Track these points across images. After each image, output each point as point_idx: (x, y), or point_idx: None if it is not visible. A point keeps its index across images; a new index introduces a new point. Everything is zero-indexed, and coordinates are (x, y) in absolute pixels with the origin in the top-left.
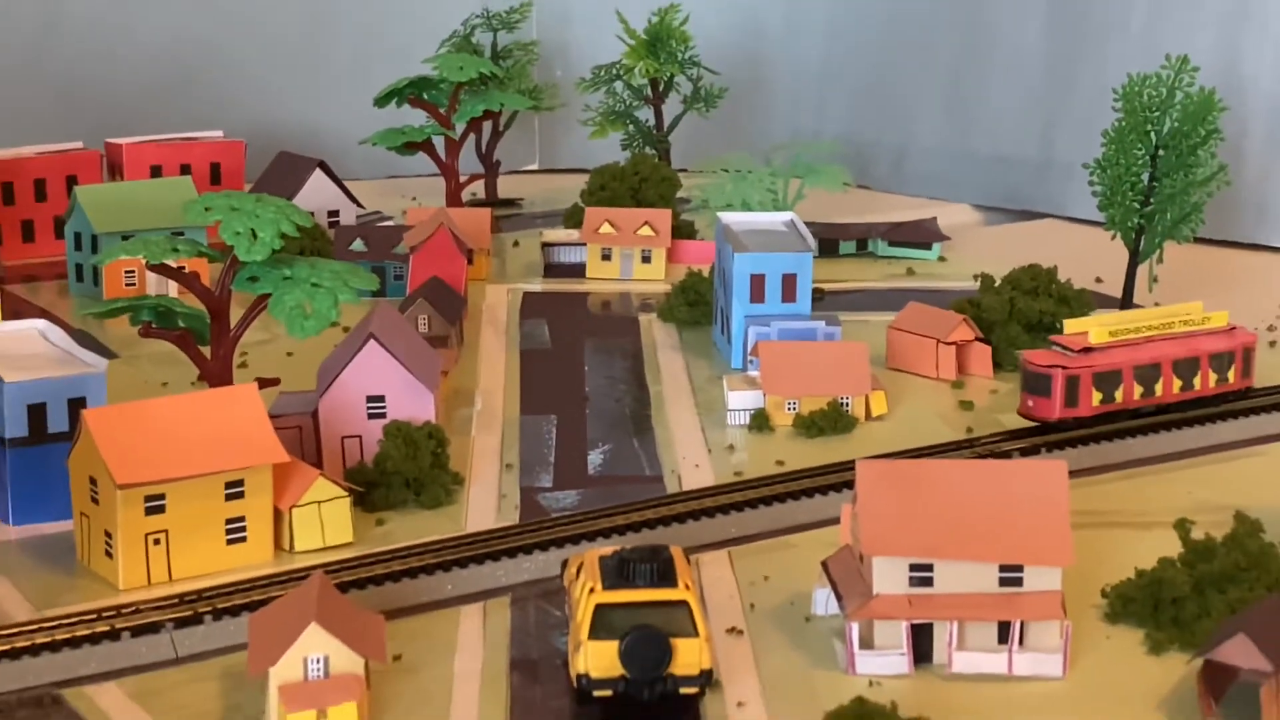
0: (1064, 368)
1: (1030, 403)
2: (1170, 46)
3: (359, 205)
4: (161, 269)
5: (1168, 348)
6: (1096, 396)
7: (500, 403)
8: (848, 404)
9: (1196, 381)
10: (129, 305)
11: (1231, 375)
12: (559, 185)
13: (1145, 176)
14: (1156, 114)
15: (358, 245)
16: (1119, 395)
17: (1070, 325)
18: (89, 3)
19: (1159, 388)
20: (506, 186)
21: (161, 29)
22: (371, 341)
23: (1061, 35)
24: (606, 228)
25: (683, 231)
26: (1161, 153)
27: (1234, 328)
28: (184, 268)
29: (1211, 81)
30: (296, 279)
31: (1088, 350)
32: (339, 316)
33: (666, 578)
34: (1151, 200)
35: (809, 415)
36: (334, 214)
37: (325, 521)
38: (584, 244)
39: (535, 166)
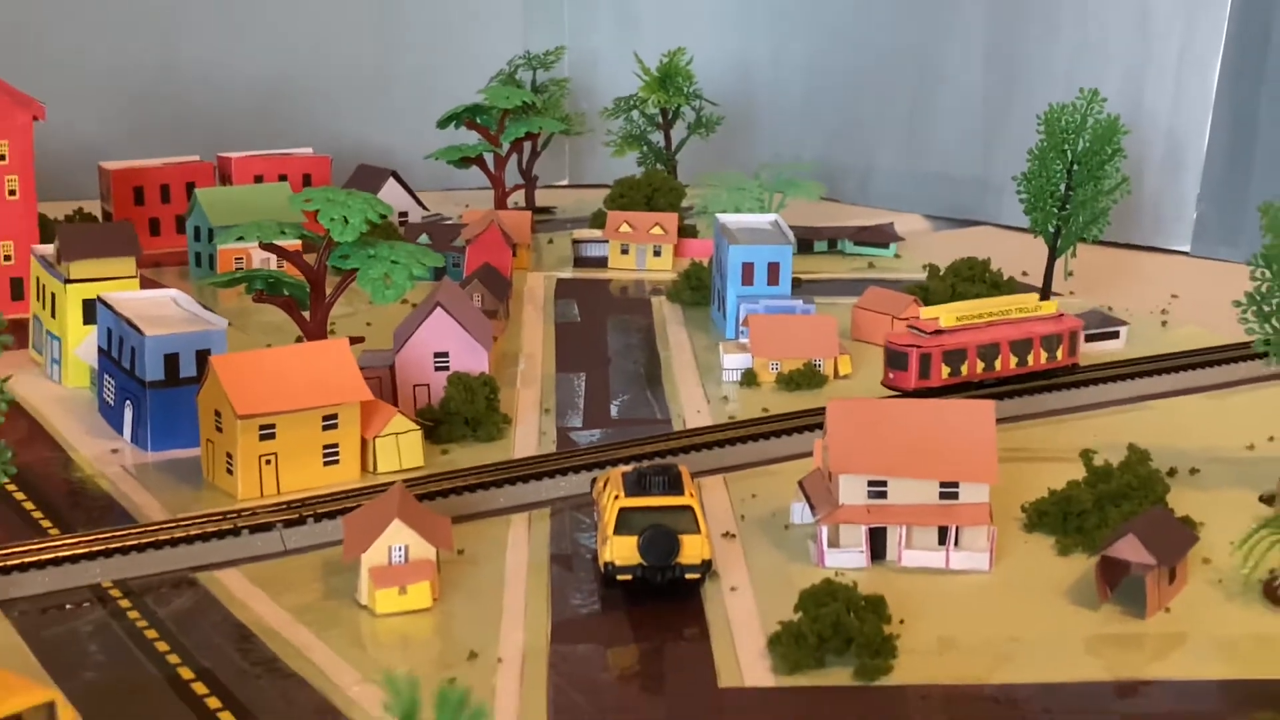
0: (918, 346)
1: (891, 375)
2: (1086, 83)
3: (424, 208)
4: (271, 247)
5: (1006, 330)
6: (945, 370)
7: (539, 363)
8: (820, 365)
9: (1030, 359)
10: (246, 276)
11: (1060, 354)
12: (584, 197)
13: (1062, 187)
14: (1072, 135)
15: (423, 239)
16: (964, 369)
17: (926, 312)
18: (200, 45)
19: (998, 363)
20: (542, 197)
21: (262, 65)
22: (438, 309)
23: (996, 76)
24: (625, 227)
25: (687, 232)
26: (1075, 167)
27: (1062, 314)
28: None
29: (1119, 112)
30: (379, 257)
31: (939, 332)
32: (413, 288)
33: (675, 487)
34: (1067, 206)
35: (788, 373)
36: (403, 215)
37: (402, 449)
38: (607, 240)
39: (566, 181)
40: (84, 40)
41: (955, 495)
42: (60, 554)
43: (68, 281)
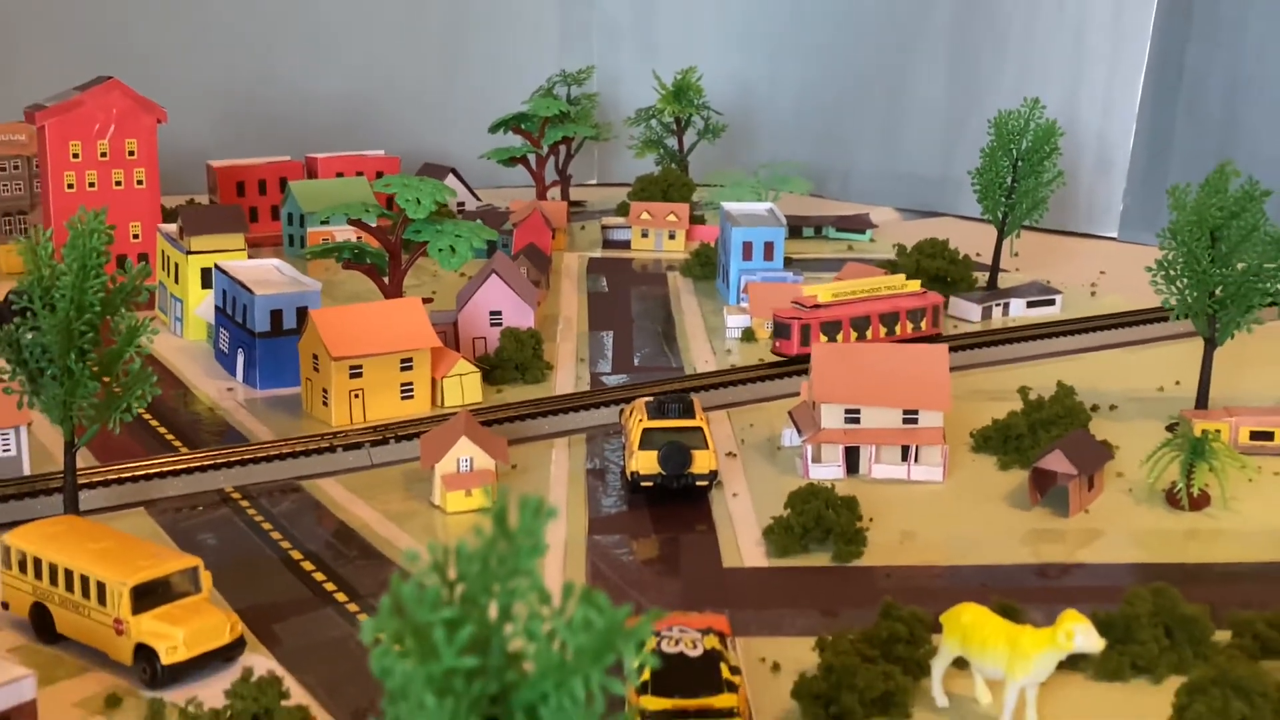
0: (799, 319)
1: (777, 343)
2: (1030, 94)
3: (477, 199)
4: (358, 223)
5: (876, 305)
6: (823, 338)
7: (575, 323)
8: None
9: (897, 329)
10: (336, 247)
11: (924, 325)
12: (609, 193)
13: (1009, 179)
14: (1017, 137)
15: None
16: (839, 338)
17: (808, 289)
18: (290, 64)
19: (869, 333)
20: (575, 192)
21: (342, 80)
22: (494, 275)
23: (955, 91)
24: (645, 215)
25: (696, 219)
26: (1020, 163)
27: (925, 291)
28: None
29: (1058, 118)
30: (446, 231)
31: (817, 306)
32: (472, 257)
33: (689, 412)
34: (1013, 195)
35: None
36: (461, 204)
37: (464, 387)
38: (630, 226)
39: (594, 180)
40: (194, 59)
41: (915, 421)
42: (191, 465)
43: (189, 253)
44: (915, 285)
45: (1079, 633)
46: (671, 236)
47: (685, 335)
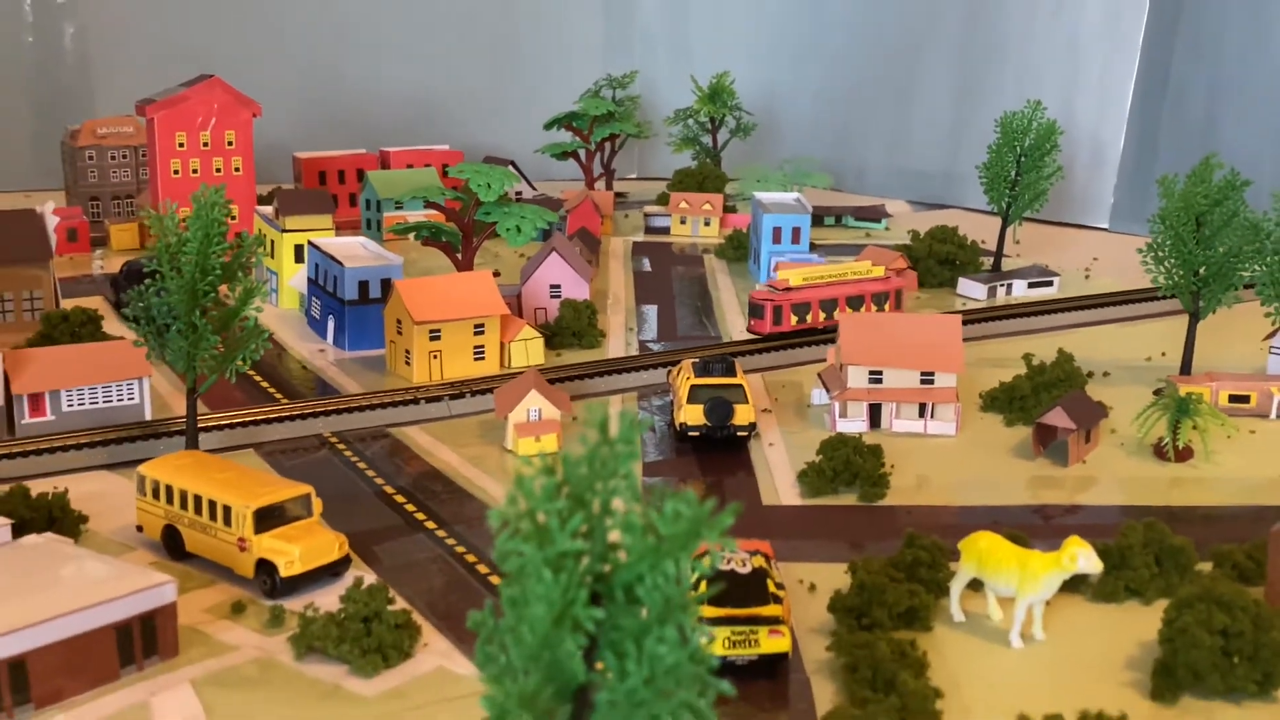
0: (771, 300)
1: (752, 323)
2: (1029, 97)
3: (533, 188)
4: (435, 205)
5: (843, 289)
6: (793, 319)
7: (623, 297)
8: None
9: (862, 310)
10: (415, 226)
11: (887, 307)
12: (648, 185)
13: (1012, 173)
14: (1020, 135)
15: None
16: (809, 318)
17: (780, 274)
18: (365, 67)
19: (837, 313)
20: (618, 185)
21: (411, 81)
22: (554, 252)
23: (961, 94)
24: (684, 204)
25: (729, 208)
26: (1023, 159)
27: (889, 277)
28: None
29: (1057, 118)
30: (513, 213)
31: (789, 289)
32: (536, 236)
33: (730, 372)
34: (1016, 188)
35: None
36: (518, 193)
37: (528, 350)
38: (669, 214)
39: (635, 174)
40: (278, 62)
41: (931, 381)
42: (293, 413)
43: (284, 231)
44: (880, 271)
45: (1082, 556)
46: (707, 223)
47: (721, 309)
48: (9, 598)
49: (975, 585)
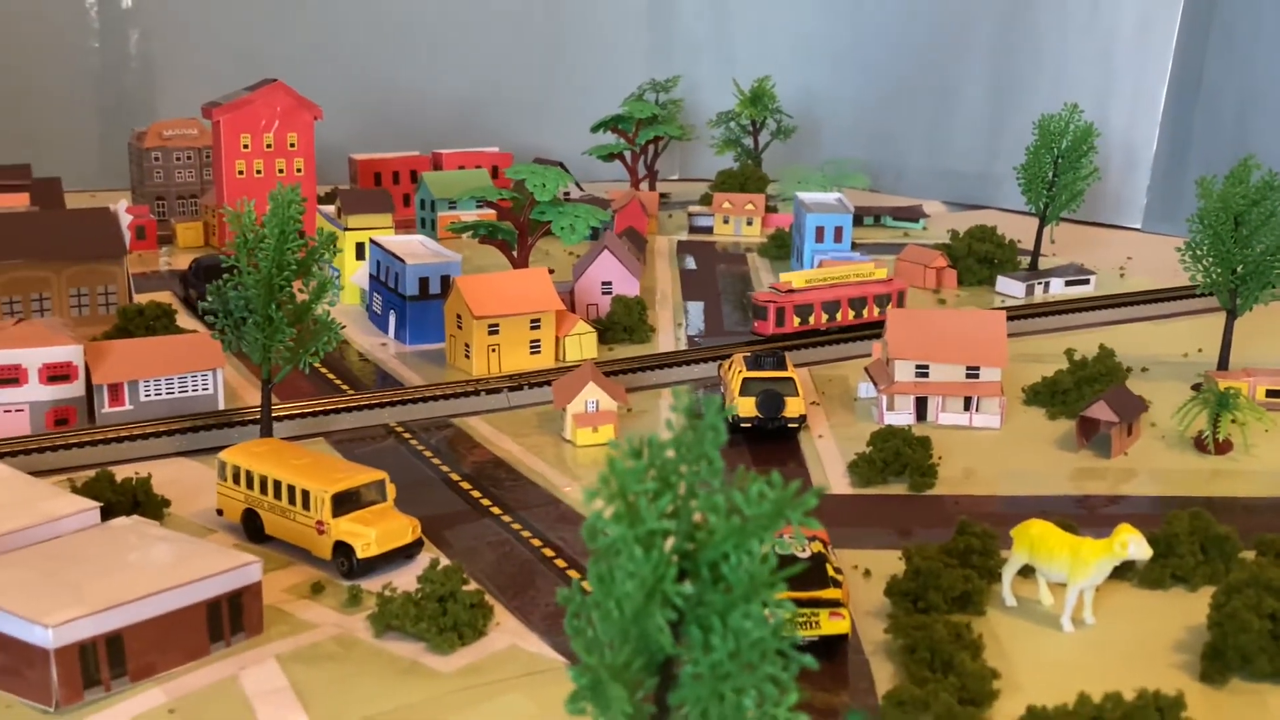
0: (775, 302)
1: (756, 324)
2: (1064, 100)
3: (580, 189)
4: (491, 204)
5: (846, 290)
6: (796, 320)
7: (670, 294)
8: None
9: (865, 312)
10: (472, 225)
11: (889, 309)
12: (689, 187)
13: (1050, 174)
14: (1058, 137)
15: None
16: (811, 320)
17: (784, 277)
18: (418, 72)
19: (839, 315)
20: (660, 186)
21: (462, 86)
22: (606, 250)
23: (997, 97)
24: (727, 205)
25: (770, 208)
26: (1060, 160)
27: (892, 279)
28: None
29: (1092, 121)
30: (567, 212)
31: (792, 291)
32: (589, 235)
33: (781, 366)
34: (1053, 188)
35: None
36: (566, 193)
37: (582, 345)
38: (713, 214)
39: (676, 176)
40: (333, 67)
41: (976, 376)
42: (360, 404)
43: (346, 229)
44: (883, 274)
45: (1132, 543)
46: (749, 223)
47: None
48: (105, 576)
49: (1025, 572)
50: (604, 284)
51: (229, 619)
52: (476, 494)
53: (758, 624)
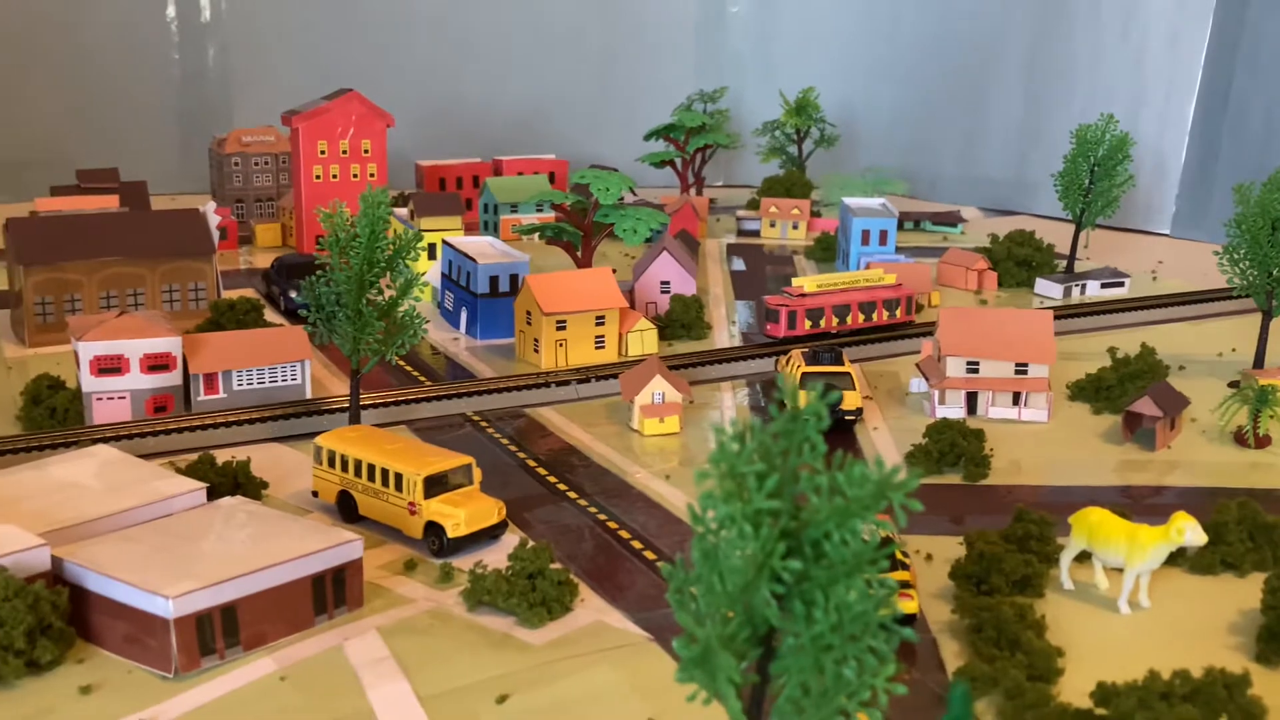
0: (786, 306)
1: (768, 327)
2: (1096, 116)
3: (634, 194)
4: (556, 206)
5: (856, 295)
6: (807, 323)
7: (722, 294)
8: (918, 296)
9: (874, 316)
10: (539, 228)
11: (899, 313)
12: (734, 193)
13: (1086, 181)
14: (1094, 145)
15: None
16: (822, 323)
17: (796, 281)
18: (479, 83)
19: (849, 319)
20: (706, 192)
21: (520, 97)
22: (665, 251)
23: (1031, 106)
24: (773, 209)
25: (814, 213)
26: (1096, 168)
27: (900, 284)
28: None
29: (1128, 131)
30: (629, 215)
31: (803, 295)
32: (650, 237)
33: (838, 361)
34: (1089, 195)
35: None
36: (620, 198)
37: (643, 341)
38: (760, 218)
39: (721, 182)
40: (399, 79)
41: (1025, 371)
42: (438, 394)
43: (418, 231)
44: (891, 279)
45: (1189, 529)
46: (795, 227)
47: None
48: (219, 551)
49: (1081, 558)
50: (663, 283)
51: (332, 592)
52: (553, 479)
53: (861, 598)
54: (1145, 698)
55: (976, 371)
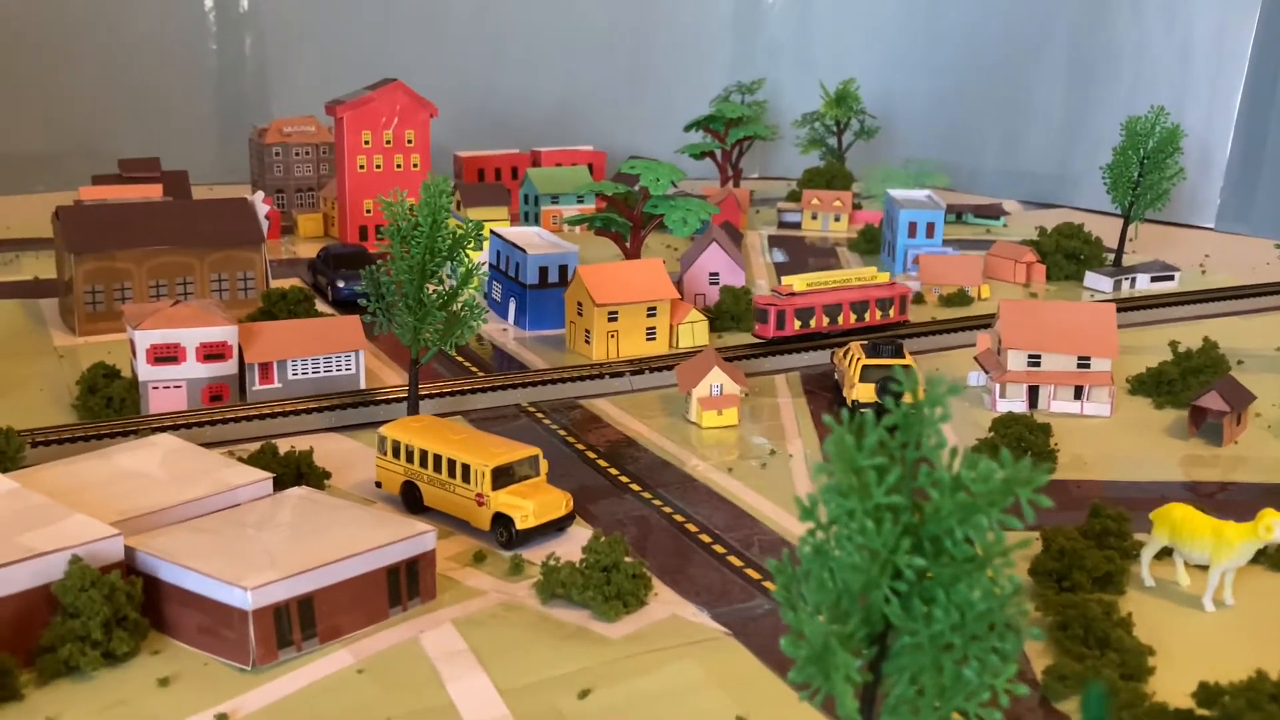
0: (775, 305)
1: (757, 327)
2: (1141, 108)
3: (674, 185)
4: (603, 197)
5: (848, 294)
6: (797, 324)
7: (765, 286)
8: (969, 289)
9: (867, 316)
10: (588, 218)
11: (892, 313)
12: (770, 185)
13: (1136, 174)
14: (1144, 138)
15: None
16: (813, 323)
17: (785, 279)
18: (515, 76)
19: (840, 319)
20: (743, 184)
21: (557, 89)
22: (714, 243)
23: (1073, 98)
24: (815, 201)
25: (856, 205)
26: (1146, 160)
27: (894, 283)
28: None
29: (1178, 123)
30: (678, 205)
31: (793, 294)
32: (700, 228)
33: (899, 354)
34: (1138, 188)
35: (948, 294)
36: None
37: (694, 332)
38: (801, 210)
39: (757, 174)
40: (437, 71)
41: (1088, 365)
42: (493, 385)
43: (465, 220)
44: (885, 277)
45: (1277, 526)
46: (837, 219)
47: None
48: (294, 542)
49: (1162, 554)
50: (711, 274)
51: (406, 584)
52: (614, 471)
53: (985, 596)
54: (1255, 698)
55: (1038, 365)
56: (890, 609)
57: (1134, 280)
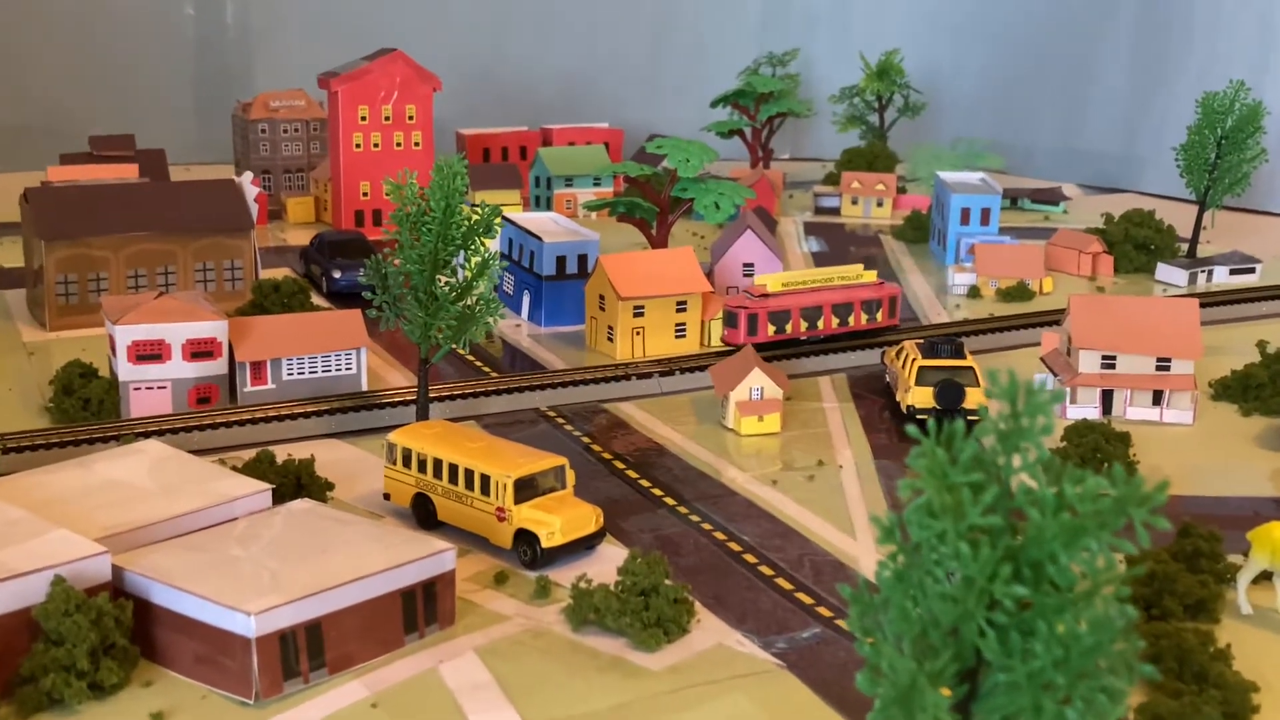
0: (746, 308)
1: (726, 332)
2: (1214, 84)
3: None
4: (632, 180)
5: (829, 295)
6: (771, 328)
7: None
8: (1030, 283)
9: (851, 320)
10: (610, 203)
11: (880, 316)
12: (803, 166)
13: (1212, 155)
14: (1222, 116)
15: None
16: (789, 328)
17: (758, 279)
18: (523, 47)
19: (821, 323)
20: (774, 166)
21: (569, 62)
22: (748, 230)
23: (1141, 71)
24: (856, 184)
25: (900, 189)
26: (1224, 141)
27: (882, 283)
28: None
29: (1261, 99)
30: (709, 189)
31: (765, 296)
32: (733, 213)
33: (959, 354)
34: (1215, 170)
35: (1005, 289)
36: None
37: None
38: (840, 194)
39: (788, 155)
40: (439, 41)
41: (1168, 368)
42: (509, 387)
43: (473, 206)
44: (871, 276)
45: None
46: (879, 204)
47: (912, 291)
48: (299, 561)
49: (1258, 579)
50: (745, 265)
51: (423, 608)
52: (645, 483)
53: (1094, 628)
54: None
55: (1113, 367)
56: (986, 643)
57: (1211, 273)
